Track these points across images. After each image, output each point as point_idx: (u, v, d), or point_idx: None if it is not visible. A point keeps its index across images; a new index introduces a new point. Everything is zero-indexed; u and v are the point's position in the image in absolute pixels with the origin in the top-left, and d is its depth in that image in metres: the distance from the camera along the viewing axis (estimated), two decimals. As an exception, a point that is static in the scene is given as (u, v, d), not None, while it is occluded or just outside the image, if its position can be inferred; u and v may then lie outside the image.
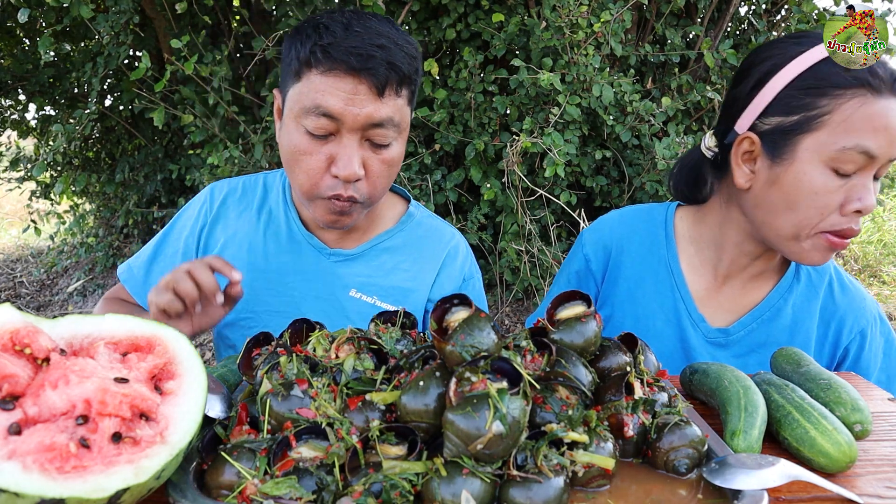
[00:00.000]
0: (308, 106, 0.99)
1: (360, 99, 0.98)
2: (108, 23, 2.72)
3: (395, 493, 0.57)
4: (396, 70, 0.99)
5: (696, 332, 1.11)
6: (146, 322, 0.66)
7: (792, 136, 0.95)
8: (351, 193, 1.03)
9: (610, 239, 1.20)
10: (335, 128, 0.99)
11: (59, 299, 4.37)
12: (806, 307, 1.10)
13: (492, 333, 0.65)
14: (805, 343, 1.10)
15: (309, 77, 0.99)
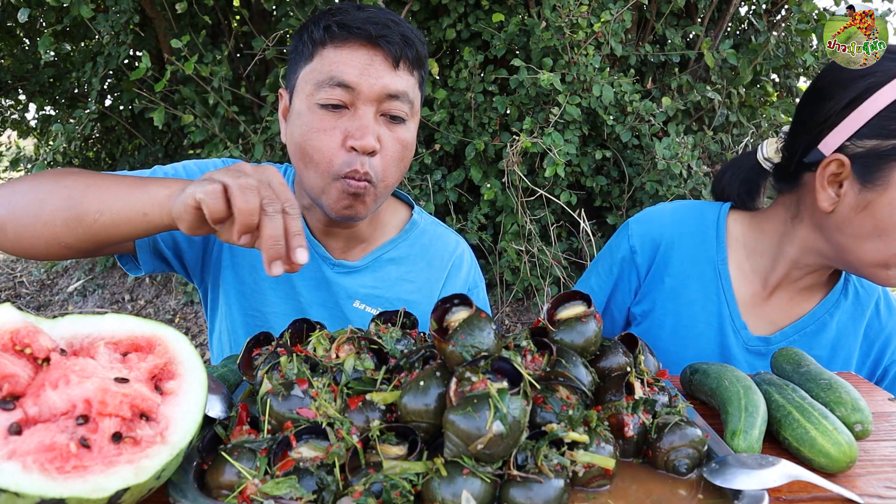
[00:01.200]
0: (322, 79, 0.97)
1: (375, 69, 0.97)
2: (109, 23, 2.72)
3: (396, 493, 0.57)
4: (410, 45, 0.99)
5: (737, 339, 1.09)
6: (147, 322, 0.66)
7: (888, 160, 0.89)
8: (367, 169, 0.99)
9: (660, 233, 1.16)
10: (350, 100, 0.98)
11: (59, 299, 4.37)
12: (851, 324, 1.08)
13: (492, 334, 0.65)
14: (846, 360, 1.08)
15: (322, 53, 0.99)
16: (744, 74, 2.92)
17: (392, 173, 1.04)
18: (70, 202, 0.84)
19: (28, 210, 0.86)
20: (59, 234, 0.85)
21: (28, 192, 0.87)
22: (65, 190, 0.85)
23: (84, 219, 0.83)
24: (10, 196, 0.88)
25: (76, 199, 0.84)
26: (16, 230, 0.87)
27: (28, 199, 0.86)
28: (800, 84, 3.37)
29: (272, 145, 2.90)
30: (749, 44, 3.03)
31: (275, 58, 2.88)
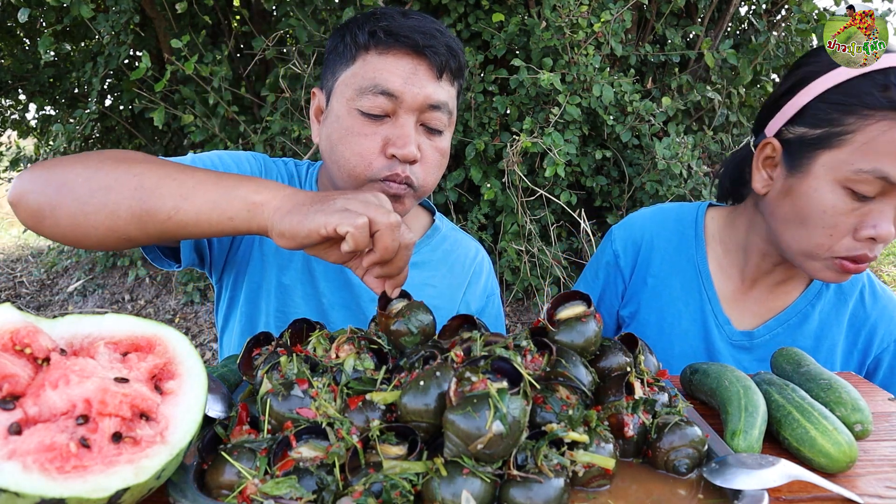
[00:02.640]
0: (365, 85, 0.96)
1: (419, 78, 0.97)
2: (109, 23, 2.72)
3: (396, 493, 0.57)
4: (454, 56, 0.99)
5: (721, 334, 1.11)
6: (147, 322, 0.66)
7: (812, 149, 0.91)
8: (407, 174, 0.97)
9: (640, 236, 1.19)
10: (392, 108, 0.97)
11: (59, 299, 4.37)
12: (834, 315, 1.09)
13: (429, 314, 0.79)
14: (831, 350, 1.09)
15: (365, 58, 0.98)
16: (744, 74, 2.92)
17: (431, 181, 1.04)
18: (142, 193, 0.77)
19: (92, 196, 0.78)
20: (123, 226, 0.78)
21: (92, 175, 0.79)
22: (135, 179, 0.77)
23: (157, 214, 0.77)
24: (68, 175, 0.79)
25: (149, 190, 0.77)
26: (73, 216, 0.78)
27: (92, 185, 0.78)
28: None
29: (272, 145, 2.90)
30: (749, 44, 3.03)
31: (275, 58, 2.88)
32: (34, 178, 0.81)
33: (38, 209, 0.80)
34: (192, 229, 0.78)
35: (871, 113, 0.87)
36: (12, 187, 0.82)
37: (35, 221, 0.81)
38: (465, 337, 0.75)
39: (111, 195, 0.77)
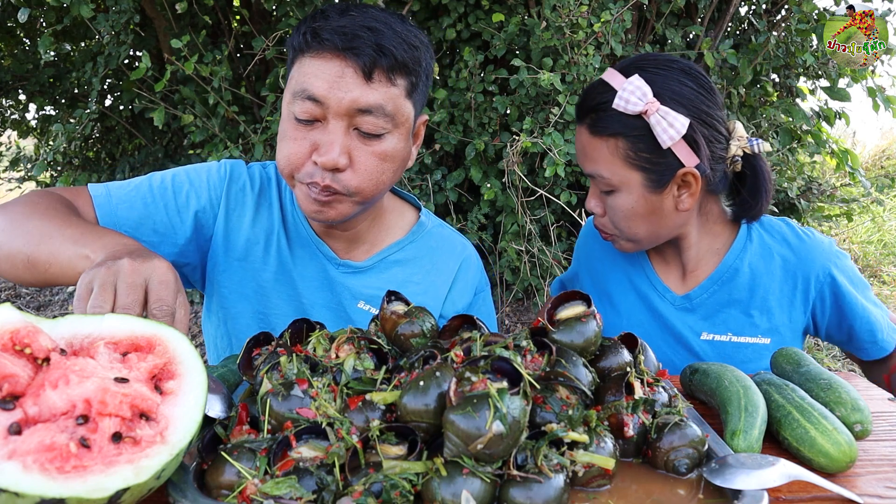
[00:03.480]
0: (296, 90, 0.96)
1: (345, 82, 0.93)
2: (109, 22, 2.72)
3: (396, 492, 0.57)
4: (386, 54, 0.94)
5: (663, 301, 1.23)
6: (147, 322, 0.66)
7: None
8: (329, 183, 0.97)
9: (588, 250, 1.39)
10: (321, 113, 0.95)
11: (59, 299, 4.38)
12: (762, 265, 1.17)
13: (432, 317, 0.81)
14: (765, 297, 1.17)
15: (301, 61, 0.97)
16: (744, 74, 2.92)
17: (371, 184, 1.00)
18: (28, 248, 0.89)
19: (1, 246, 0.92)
20: (20, 274, 0.91)
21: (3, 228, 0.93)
22: (26, 235, 0.90)
23: (38, 266, 0.89)
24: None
25: (33, 245, 0.89)
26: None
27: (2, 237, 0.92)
28: (800, 84, 3.37)
29: (272, 145, 2.90)
30: (749, 44, 3.03)
31: (275, 58, 2.88)
32: None
33: None
34: (66, 280, 0.88)
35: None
36: None
37: None
38: (465, 337, 0.75)
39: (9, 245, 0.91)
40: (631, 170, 1.07)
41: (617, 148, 1.07)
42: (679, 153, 1.05)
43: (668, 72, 1.07)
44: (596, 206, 1.15)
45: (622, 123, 1.05)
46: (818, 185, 3.27)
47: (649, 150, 1.06)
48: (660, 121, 1.03)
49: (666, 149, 1.05)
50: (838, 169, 3.23)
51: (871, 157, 6.29)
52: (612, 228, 1.15)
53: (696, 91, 1.06)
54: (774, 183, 1.33)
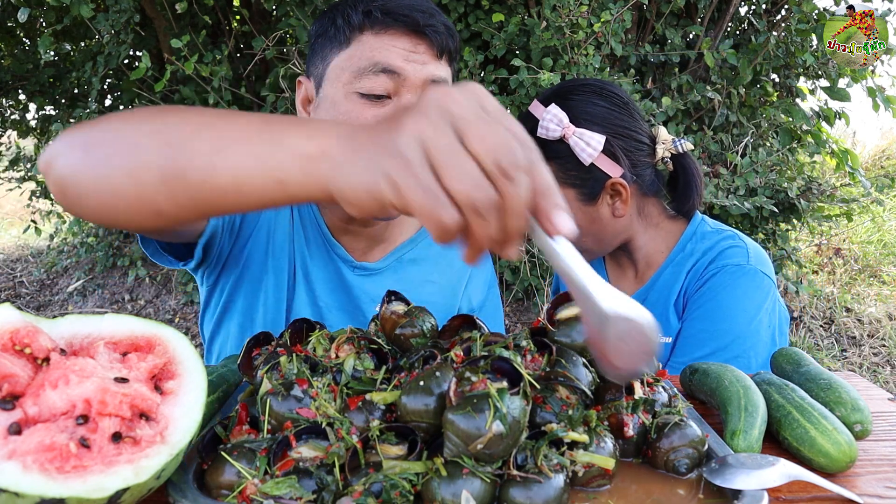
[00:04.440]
0: (364, 66, 0.91)
1: (419, 56, 0.93)
2: (109, 22, 2.72)
3: (395, 493, 0.57)
4: (452, 36, 0.95)
5: None
6: (147, 322, 0.67)
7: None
8: None
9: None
10: (394, 88, 0.92)
11: (59, 299, 4.37)
12: (678, 270, 1.21)
13: (432, 317, 0.80)
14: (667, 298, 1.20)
15: (361, 40, 0.93)
16: (744, 74, 2.92)
17: None
18: (172, 149, 0.60)
19: (117, 156, 0.63)
20: (151, 194, 0.61)
21: (120, 130, 0.65)
22: (165, 131, 0.61)
23: (189, 176, 0.59)
24: (96, 134, 0.66)
25: (180, 144, 0.60)
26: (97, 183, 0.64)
27: (119, 142, 0.63)
28: (800, 84, 3.37)
29: (272, 145, 2.89)
30: (749, 44, 3.03)
31: (275, 58, 2.88)
32: (65, 140, 0.68)
33: (62, 176, 0.67)
34: (234, 198, 0.59)
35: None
36: (44, 152, 0.70)
37: (60, 192, 0.68)
38: (465, 337, 0.75)
39: (138, 154, 0.61)
40: (564, 188, 1.15)
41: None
42: (602, 166, 1.14)
43: (582, 95, 1.16)
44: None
45: (549, 149, 1.13)
46: (818, 185, 3.27)
47: (576, 169, 1.15)
48: (577, 142, 1.12)
49: (589, 165, 1.13)
50: (838, 169, 3.23)
51: (871, 157, 6.29)
52: None
53: (609, 109, 1.16)
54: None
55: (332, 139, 0.54)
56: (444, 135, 0.47)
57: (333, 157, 0.53)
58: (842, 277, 4.26)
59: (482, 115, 0.48)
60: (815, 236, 4.32)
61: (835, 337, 3.66)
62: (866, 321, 3.74)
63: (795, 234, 3.87)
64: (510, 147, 0.47)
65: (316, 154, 0.54)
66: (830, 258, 4.44)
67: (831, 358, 3.43)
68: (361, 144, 0.52)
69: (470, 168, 0.46)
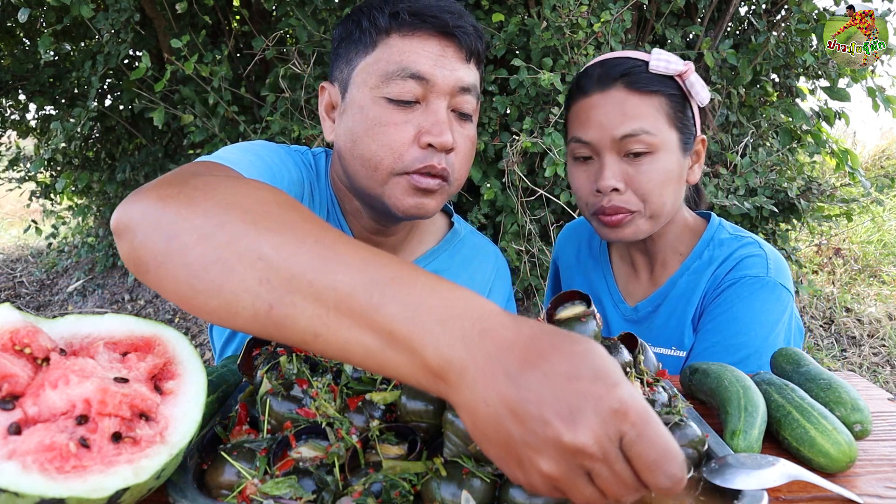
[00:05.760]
0: (391, 70, 0.89)
1: (448, 61, 0.90)
2: (109, 21, 2.72)
3: (395, 493, 0.57)
4: (481, 38, 0.93)
5: (616, 311, 1.25)
6: (147, 322, 0.67)
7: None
8: (444, 165, 0.90)
9: (562, 243, 1.43)
10: (422, 93, 0.90)
11: (58, 299, 4.38)
12: (696, 279, 1.15)
13: None
14: (685, 309, 1.14)
15: (388, 43, 0.91)
16: (744, 74, 2.92)
17: (463, 172, 0.97)
18: (270, 297, 0.51)
19: (205, 271, 0.53)
20: (242, 324, 0.53)
21: (210, 235, 0.54)
22: (263, 264, 0.52)
23: (288, 332, 0.52)
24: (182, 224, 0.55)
25: (280, 297, 0.51)
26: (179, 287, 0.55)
27: (208, 252, 0.53)
28: (800, 84, 3.37)
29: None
30: (749, 44, 3.03)
31: (275, 58, 2.88)
32: (145, 212, 0.59)
33: (139, 257, 0.58)
34: (340, 360, 0.56)
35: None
36: (119, 210, 0.61)
37: (136, 270, 0.60)
38: (464, 337, 0.74)
39: (231, 280, 0.52)
40: (671, 128, 1.07)
41: (660, 104, 1.06)
42: (698, 119, 1.10)
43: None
44: (618, 181, 1.05)
45: (661, 83, 1.06)
46: (818, 185, 3.27)
47: (682, 112, 1.08)
48: (696, 82, 1.07)
49: (689, 114, 1.09)
50: (838, 169, 3.23)
51: (871, 157, 6.29)
52: (637, 203, 1.06)
53: None
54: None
55: (470, 352, 0.46)
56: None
57: (464, 383, 0.46)
58: (842, 277, 4.26)
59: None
60: (815, 236, 4.32)
61: (835, 337, 3.66)
62: (866, 321, 3.74)
63: (795, 234, 3.87)
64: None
65: (443, 367, 0.47)
66: (830, 258, 4.45)
67: (831, 358, 3.43)
68: (510, 384, 0.45)
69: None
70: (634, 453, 0.44)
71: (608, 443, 0.44)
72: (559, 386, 0.44)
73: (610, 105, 1.05)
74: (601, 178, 1.05)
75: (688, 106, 1.10)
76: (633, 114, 1.04)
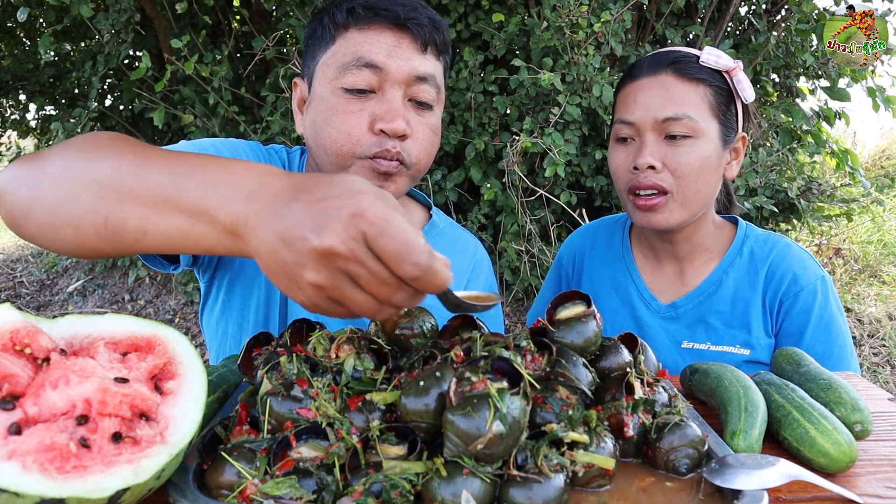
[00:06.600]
0: (348, 61, 0.93)
1: (403, 51, 0.94)
2: (109, 21, 2.72)
3: (396, 493, 0.57)
4: (438, 29, 0.96)
5: (649, 310, 1.25)
6: (147, 322, 0.67)
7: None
8: (399, 149, 0.93)
9: (579, 243, 1.41)
10: (377, 82, 0.93)
11: (59, 299, 4.37)
12: (747, 280, 1.18)
13: (432, 317, 0.79)
14: (745, 311, 1.17)
15: (345, 37, 0.95)
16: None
17: (424, 159, 1.00)
18: (106, 210, 0.63)
19: (58, 207, 0.65)
20: (93, 244, 0.66)
21: (61, 176, 0.66)
22: (99, 185, 0.64)
23: (123, 237, 0.64)
24: (40, 175, 0.67)
25: (112, 209, 0.63)
26: (43, 227, 0.67)
27: (60, 190, 0.65)
28: (800, 84, 3.37)
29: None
30: (749, 44, 3.03)
31: (275, 58, 2.88)
32: (13, 175, 0.70)
33: (11, 214, 0.69)
34: (170, 252, 0.65)
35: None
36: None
37: (12, 225, 0.71)
38: (465, 337, 0.75)
39: (76, 206, 0.64)
40: (713, 118, 1.10)
41: (705, 93, 1.10)
42: (741, 117, 1.14)
43: None
44: (655, 159, 1.08)
45: (708, 73, 1.11)
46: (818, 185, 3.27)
47: (725, 105, 1.12)
48: (743, 79, 1.12)
49: (732, 109, 1.13)
50: (838, 169, 3.23)
51: (871, 157, 6.29)
52: (671, 183, 1.09)
53: None
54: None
55: (246, 204, 0.57)
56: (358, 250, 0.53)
57: (249, 232, 0.57)
58: (842, 277, 4.26)
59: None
60: (815, 236, 4.32)
61: (835, 337, 3.65)
62: (866, 321, 3.74)
63: (795, 234, 3.88)
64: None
65: (232, 225, 0.58)
66: (830, 258, 4.44)
67: (831, 358, 3.43)
68: (277, 214, 0.55)
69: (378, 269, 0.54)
70: (378, 249, 0.52)
71: (353, 242, 0.51)
72: (313, 207, 0.53)
73: (657, 88, 1.10)
74: (640, 155, 1.09)
75: (732, 102, 1.13)
76: (678, 98, 1.09)
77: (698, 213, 1.14)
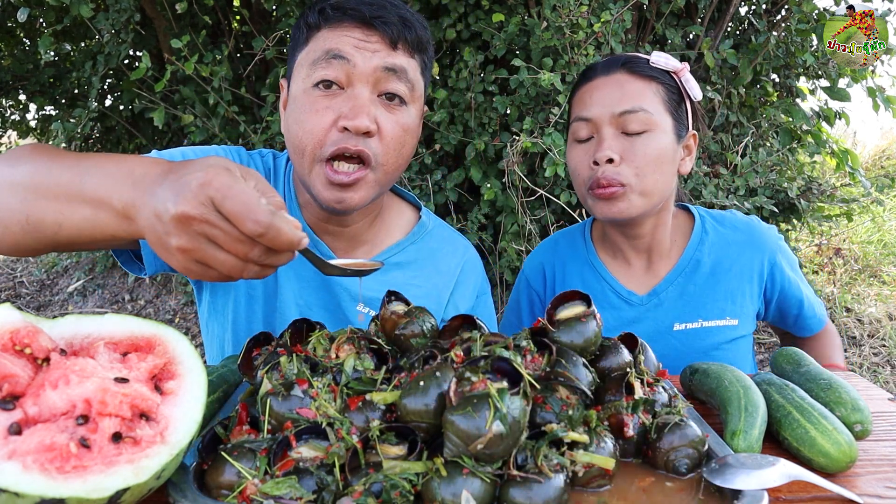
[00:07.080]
0: (318, 56, 0.95)
1: (371, 45, 0.95)
2: (109, 21, 2.72)
3: (396, 493, 0.57)
4: (409, 27, 0.97)
5: (631, 305, 1.26)
6: (147, 322, 0.67)
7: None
8: (361, 147, 0.92)
9: (543, 258, 1.40)
10: (345, 77, 0.94)
11: (59, 299, 4.38)
12: (722, 254, 1.24)
13: (432, 317, 0.80)
14: (728, 283, 1.23)
15: (317, 36, 0.97)
16: (744, 74, 2.92)
17: (392, 159, 0.98)
18: (26, 208, 0.73)
19: None
20: (22, 240, 0.75)
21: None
22: (21, 191, 0.74)
23: (43, 231, 0.73)
24: None
25: (31, 206, 0.72)
26: None
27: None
28: (800, 84, 3.37)
29: (272, 145, 2.90)
30: (749, 44, 3.03)
31: (275, 58, 2.88)
32: None
33: None
34: (87, 246, 0.73)
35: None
36: None
37: None
38: (465, 337, 0.75)
39: (2, 208, 0.74)
40: (666, 113, 1.16)
41: (658, 90, 1.16)
42: (691, 115, 1.20)
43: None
44: (614, 152, 1.12)
45: (659, 72, 1.18)
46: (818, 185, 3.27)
47: (677, 102, 1.18)
48: (690, 79, 1.19)
49: (682, 107, 1.18)
50: (838, 169, 3.22)
51: (871, 157, 6.29)
52: (630, 176, 1.12)
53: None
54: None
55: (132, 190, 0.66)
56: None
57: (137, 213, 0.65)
58: (842, 277, 4.25)
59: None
60: (815, 236, 4.31)
61: (835, 337, 3.65)
62: (866, 321, 3.74)
63: (795, 234, 3.87)
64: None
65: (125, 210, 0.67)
66: (830, 258, 4.44)
67: (831, 358, 3.43)
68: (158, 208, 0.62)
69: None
70: (226, 211, 0.59)
71: (202, 207, 0.59)
72: (175, 183, 0.61)
73: (612, 86, 1.15)
74: (599, 149, 1.13)
75: (682, 102, 1.19)
76: (633, 93, 1.14)
77: (658, 204, 1.18)
